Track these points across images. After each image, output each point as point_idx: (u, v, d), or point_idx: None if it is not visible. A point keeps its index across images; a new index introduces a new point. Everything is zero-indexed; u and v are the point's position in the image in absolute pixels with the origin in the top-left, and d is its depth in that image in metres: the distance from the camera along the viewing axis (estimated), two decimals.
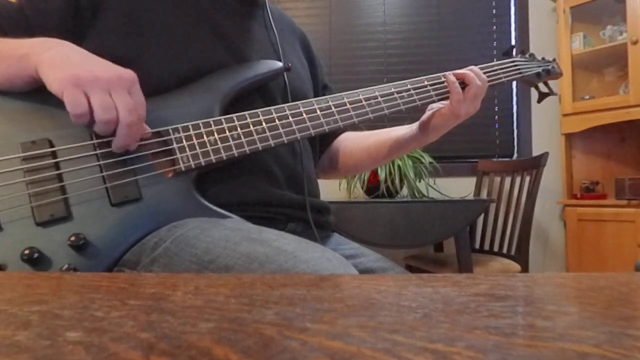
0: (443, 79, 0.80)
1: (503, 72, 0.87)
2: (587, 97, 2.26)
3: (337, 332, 0.18)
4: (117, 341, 0.17)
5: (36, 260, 0.51)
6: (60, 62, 0.54)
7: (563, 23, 2.25)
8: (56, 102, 0.54)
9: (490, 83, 0.84)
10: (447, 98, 0.79)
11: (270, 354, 0.15)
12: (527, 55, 0.95)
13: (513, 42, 2.46)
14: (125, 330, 0.18)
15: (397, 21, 2.54)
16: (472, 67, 0.81)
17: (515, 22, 2.48)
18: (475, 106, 0.80)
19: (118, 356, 0.15)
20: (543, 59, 0.97)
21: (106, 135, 0.56)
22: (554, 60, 0.99)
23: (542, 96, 0.97)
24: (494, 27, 2.50)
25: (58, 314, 0.21)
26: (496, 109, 2.48)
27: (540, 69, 0.93)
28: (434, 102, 0.79)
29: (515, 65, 0.90)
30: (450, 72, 0.80)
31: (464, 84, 0.79)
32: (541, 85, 0.97)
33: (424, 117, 0.82)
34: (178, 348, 0.16)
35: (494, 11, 2.51)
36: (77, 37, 0.65)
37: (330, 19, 2.58)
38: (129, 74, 0.56)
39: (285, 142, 0.65)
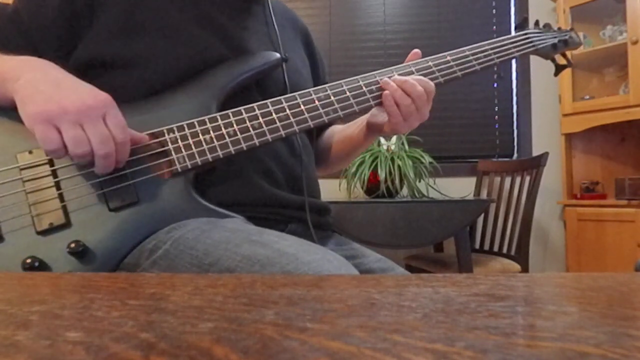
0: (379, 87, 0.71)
1: (514, 47, 0.81)
2: (587, 97, 2.26)
3: (337, 332, 0.18)
4: (117, 341, 0.17)
5: (37, 269, 0.52)
6: (30, 94, 0.53)
7: (563, 23, 2.25)
8: None
9: (503, 59, 0.79)
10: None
11: (270, 354, 0.15)
12: (541, 27, 0.89)
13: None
14: (125, 330, 0.18)
15: (397, 21, 2.54)
16: (407, 79, 0.70)
17: (515, 22, 2.48)
18: (422, 116, 0.71)
19: (118, 356, 0.15)
20: (559, 29, 0.91)
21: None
22: (572, 29, 0.92)
23: (558, 69, 0.91)
24: (494, 27, 2.50)
25: (58, 314, 0.21)
26: (496, 109, 2.48)
27: (556, 40, 0.87)
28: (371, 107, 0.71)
29: (528, 38, 0.84)
30: (382, 81, 0.70)
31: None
32: (558, 57, 0.91)
33: (371, 121, 0.76)
34: (178, 348, 0.16)
35: (494, 11, 2.51)
36: (73, 39, 0.64)
37: (330, 19, 2.58)
38: (99, 99, 0.54)
39: (284, 136, 0.64)
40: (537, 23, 0.90)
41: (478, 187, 2.30)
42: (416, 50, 0.76)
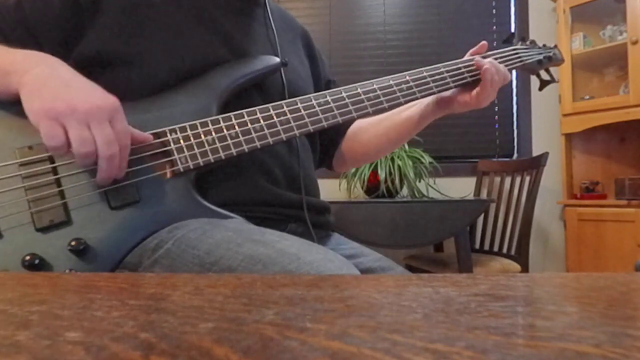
0: (464, 70, 0.80)
1: (503, 61, 0.86)
2: (587, 97, 2.26)
3: (337, 332, 0.18)
4: (117, 341, 0.17)
5: (37, 266, 0.51)
6: (38, 88, 0.53)
7: (563, 23, 2.25)
8: None
9: None
10: (463, 85, 0.80)
11: (270, 354, 0.15)
12: (527, 43, 0.94)
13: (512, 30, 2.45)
14: (125, 330, 0.18)
15: (397, 21, 2.54)
16: (491, 60, 0.81)
17: (515, 22, 2.48)
18: (494, 96, 0.81)
19: (118, 356, 0.15)
20: (544, 45, 0.96)
21: (88, 167, 0.55)
22: (555, 46, 0.97)
23: (543, 84, 0.96)
24: (494, 27, 2.50)
25: (58, 314, 0.21)
26: (496, 109, 2.48)
27: (541, 56, 0.92)
28: (449, 89, 0.79)
29: (516, 53, 0.89)
30: (476, 60, 0.80)
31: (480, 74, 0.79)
32: (543, 73, 0.95)
33: (444, 95, 0.82)
34: (178, 348, 0.16)
35: (494, 11, 2.50)
36: (76, 35, 0.64)
37: (330, 19, 2.58)
38: (109, 102, 0.54)
39: (284, 139, 0.65)
40: (523, 39, 0.95)
41: (478, 187, 2.30)
42: (483, 42, 0.87)
